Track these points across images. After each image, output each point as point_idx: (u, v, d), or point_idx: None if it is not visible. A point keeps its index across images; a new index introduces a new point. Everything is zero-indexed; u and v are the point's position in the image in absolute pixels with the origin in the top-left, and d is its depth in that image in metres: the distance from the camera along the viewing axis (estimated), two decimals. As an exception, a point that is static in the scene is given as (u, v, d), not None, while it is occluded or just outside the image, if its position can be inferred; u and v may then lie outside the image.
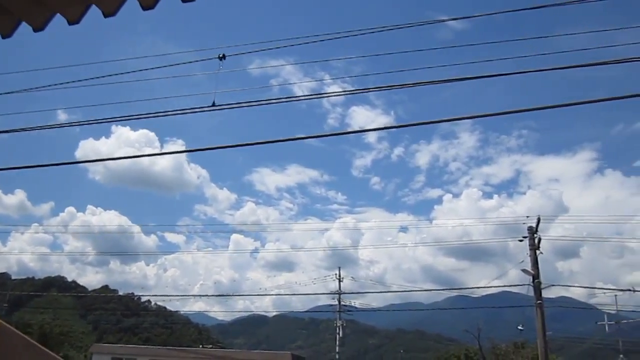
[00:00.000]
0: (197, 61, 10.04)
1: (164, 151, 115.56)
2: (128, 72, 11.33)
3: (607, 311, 44.38)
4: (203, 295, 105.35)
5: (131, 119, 9.86)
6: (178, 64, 10.82)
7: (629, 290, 31.05)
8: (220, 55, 8.54)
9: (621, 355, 44.96)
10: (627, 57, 10.56)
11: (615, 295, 37.62)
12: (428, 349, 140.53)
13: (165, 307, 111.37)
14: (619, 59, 10.74)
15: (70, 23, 4.71)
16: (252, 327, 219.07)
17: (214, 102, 8.08)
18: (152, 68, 11.40)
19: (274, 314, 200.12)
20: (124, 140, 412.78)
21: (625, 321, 44.20)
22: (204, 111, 8.50)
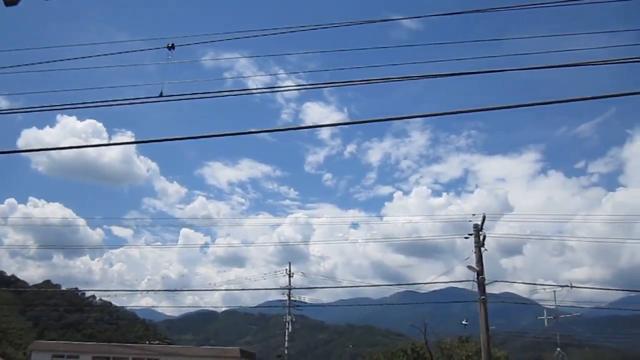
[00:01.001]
0: (145, 50, 9.78)
1: (112, 142, 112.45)
2: (74, 59, 10.92)
3: (547, 306, 46.19)
4: (150, 291, 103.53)
5: (77, 108, 9.52)
6: (127, 52, 10.50)
7: (567, 286, 32.38)
8: (170, 45, 8.33)
9: (558, 349, 46.88)
10: (578, 62, 10.97)
11: (555, 292, 39.16)
12: (377, 344, 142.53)
13: (110, 303, 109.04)
14: (568, 63, 11.13)
15: (7, 4, 4.49)
16: (200, 322, 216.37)
17: (161, 93, 7.89)
18: (100, 55, 11.03)
19: (224, 309, 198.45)
20: (69, 130, 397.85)
21: (563, 316, 46.08)
22: (152, 102, 8.29)
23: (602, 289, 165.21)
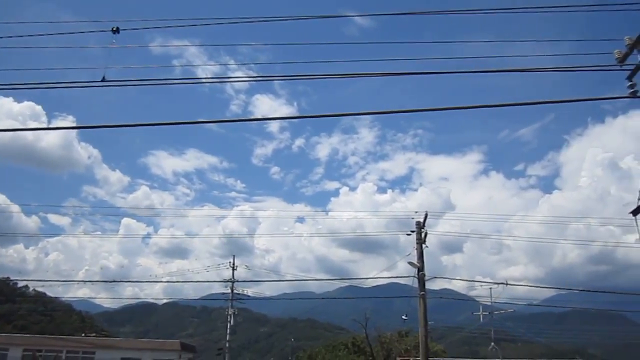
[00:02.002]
0: (89, 32, 9.40)
1: (52, 126, 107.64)
2: (12, 37, 10.39)
3: (484, 302, 47.72)
4: (88, 281, 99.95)
5: (15, 89, 9.06)
6: (70, 33, 10.08)
7: (503, 283, 33.58)
8: (114, 29, 8.01)
9: (492, 343, 48.54)
10: (521, 67, 11.33)
11: (491, 288, 40.49)
12: (318, 337, 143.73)
13: (44, 293, 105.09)
14: (512, 68, 11.49)
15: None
16: (140, 315, 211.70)
17: (104, 77, 7.59)
18: (41, 35, 10.54)
19: (165, 301, 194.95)
20: (5, 112, 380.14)
21: (497, 312, 47.78)
22: (94, 86, 7.98)
23: (535, 286, 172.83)
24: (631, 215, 13.58)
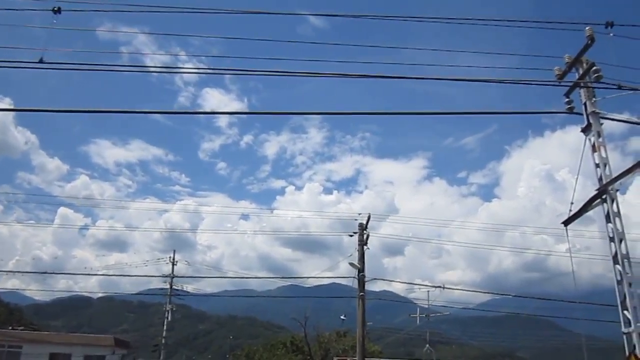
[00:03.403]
0: (27, 10, 8.94)
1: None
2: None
3: (422, 305, 48.78)
4: (18, 272, 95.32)
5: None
6: (6, 9, 9.56)
7: (440, 287, 34.53)
8: (55, 9, 7.62)
9: (427, 345, 49.72)
10: (467, 77, 11.60)
11: (428, 291, 41.48)
12: (258, 336, 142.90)
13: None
14: (459, 77, 11.76)
15: None
16: (74, 308, 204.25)
17: (42, 59, 7.21)
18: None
19: (100, 295, 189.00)
20: None
21: (433, 315, 48.93)
22: (31, 67, 7.58)
23: (471, 291, 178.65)
24: (563, 225, 14.21)
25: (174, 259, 48.49)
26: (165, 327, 48.34)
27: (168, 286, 48.25)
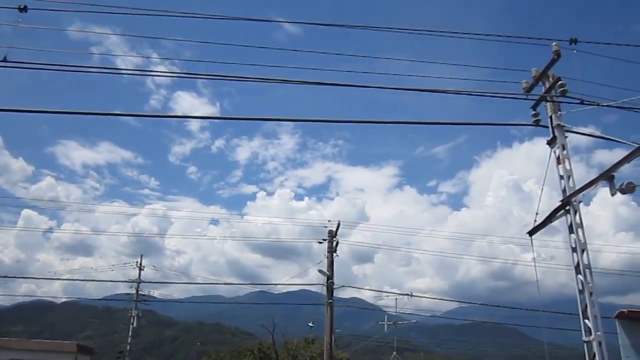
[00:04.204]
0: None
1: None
2: None
3: (390, 312, 49.10)
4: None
5: None
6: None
7: (408, 295, 34.84)
8: (21, 7, 7.46)
9: (395, 352, 50.03)
10: (438, 88, 11.77)
11: (396, 299, 41.81)
12: (225, 342, 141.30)
13: None
14: (429, 88, 11.90)
15: None
16: (35, 314, 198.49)
17: (5, 57, 7.05)
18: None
19: (63, 300, 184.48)
20: None
21: (401, 322, 49.31)
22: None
23: (438, 299, 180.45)
24: (528, 235, 14.50)
25: (141, 264, 47.81)
26: (130, 333, 47.55)
27: (134, 291, 47.51)
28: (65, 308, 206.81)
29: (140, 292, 47.57)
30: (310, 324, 36.24)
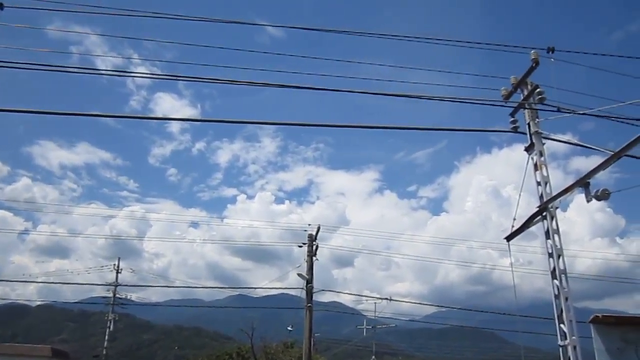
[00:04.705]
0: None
1: None
2: None
3: (370, 317, 49.17)
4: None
5: None
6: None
7: (387, 299, 34.95)
8: (-2, 5, 7.35)
9: (373, 357, 50.11)
10: (419, 94, 11.84)
11: (375, 303, 41.90)
12: (204, 346, 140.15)
13: None
14: (410, 94, 11.98)
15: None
16: (9, 317, 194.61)
17: (-20, 55, 6.93)
18: None
19: (38, 303, 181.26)
20: None
21: (380, 326, 49.41)
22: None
23: (417, 303, 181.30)
24: (506, 240, 14.66)
25: (118, 267, 47.25)
26: (107, 337, 46.94)
27: (111, 294, 46.90)
28: (40, 311, 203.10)
29: (117, 295, 46.99)
30: (289, 328, 36.11)
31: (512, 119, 14.44)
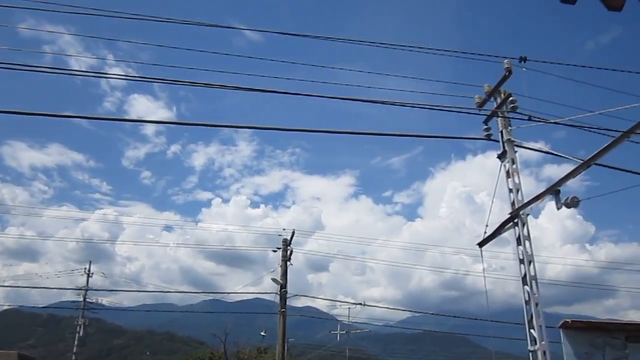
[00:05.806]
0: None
1: None
2: None
3: (344, 321, 49.19)
4: None
5: None
6: None
7: (361, 304, 35.04)
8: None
9: (346, 361, 50.12)
10: (394, 100, 11.91)
11: (349, 308, 41.96)
12: (177, 352, 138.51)
13: None
14: (385, 100, 12.04)
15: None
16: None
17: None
18: None
19: (5, 307, 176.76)
20: None
21: (354, 331, 49.46)
22: None
23: (391, 308, 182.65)
24: (478, 246, 14.83)
25: (89, 271, 46.38)
26: (76, 342, 46.01)
27: (82, 299, 46.02)
28: (6, 316, 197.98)
29: (87, 299, 46.10)
30: (262, 333, 35.89)
31: (486, 126, 14.64)
